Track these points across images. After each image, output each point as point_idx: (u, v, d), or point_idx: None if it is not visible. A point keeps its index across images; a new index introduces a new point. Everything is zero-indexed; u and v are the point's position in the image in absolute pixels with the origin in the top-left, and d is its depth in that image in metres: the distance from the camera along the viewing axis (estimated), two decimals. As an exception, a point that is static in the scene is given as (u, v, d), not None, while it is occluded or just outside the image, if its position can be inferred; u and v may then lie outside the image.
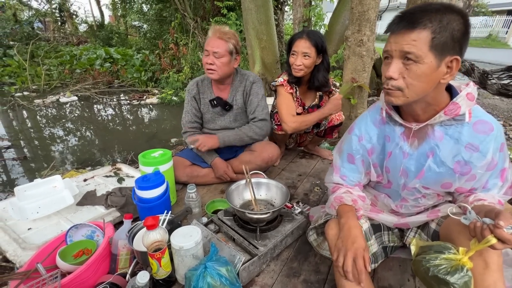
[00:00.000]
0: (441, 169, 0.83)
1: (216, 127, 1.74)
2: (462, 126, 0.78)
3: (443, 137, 0.80)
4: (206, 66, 1.54)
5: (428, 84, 0.73)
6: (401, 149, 0.88)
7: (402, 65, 0.72)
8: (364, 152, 0.97)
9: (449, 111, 0.76)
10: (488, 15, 16.29)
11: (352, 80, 2.31)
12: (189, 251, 0.94)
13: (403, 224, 0.97)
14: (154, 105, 4.93)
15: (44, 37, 8.88)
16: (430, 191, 0.91)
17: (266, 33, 3.52)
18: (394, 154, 0.90)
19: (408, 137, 0.86)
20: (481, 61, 8.50)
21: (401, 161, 0.89)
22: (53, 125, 3.96)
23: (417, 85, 0.72)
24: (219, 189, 1.67)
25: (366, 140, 0.96)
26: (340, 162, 1.03)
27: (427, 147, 0.83)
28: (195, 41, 5.81)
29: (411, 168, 0.88)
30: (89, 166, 2.54)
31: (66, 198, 1.42)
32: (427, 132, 0.83)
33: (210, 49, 1.50)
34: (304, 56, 1.58)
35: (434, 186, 0.87)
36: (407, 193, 0.94)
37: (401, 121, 0.85)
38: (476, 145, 0.77)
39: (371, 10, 2.06)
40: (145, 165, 1.36)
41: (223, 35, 1.50)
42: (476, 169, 0.79)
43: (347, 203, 0.94)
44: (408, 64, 0.71)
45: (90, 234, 1.17)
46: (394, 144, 0.89)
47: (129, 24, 11.07)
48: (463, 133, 0.78)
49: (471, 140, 0.78)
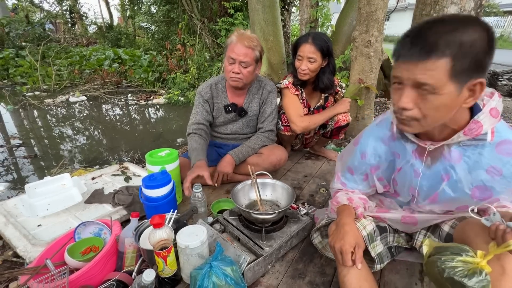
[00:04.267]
0: (457, 194, 0.76)
1: (227, 131, 1.73)
2: (484, 146, 0.69)
3: (461, 159, 0.72)
4: (230, 75, 1.49)
5: (447, 113, 0.65)
6: (412, 167, 0.82)
7: (417, 94, 0.63)
8: (366, 169, 0.93)
9: (469, 131, 0.68)
10: (500, 16, 15.94)
11: (359, 81, 2.29)
12: (195, 250, 0.94)
13: (411, 219, 0.91)
14: (161, 105, 4.98)
15: (55, 38, 9.08)
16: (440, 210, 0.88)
17: (273, 34, 3.52)
18: (404, 171, 0.84)
19: (421, 155, 0.79)
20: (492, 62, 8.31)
21: (412, 179, 0.83)
22: (62, 124, 4.03)
23: (435, 115, 0.64)
24: (224, 189, 1.67)
25: (371, 157, 0.90)
26: (341, 172, 1.03)
27: (441, 167, 0.76)
28: (202, 42, 5.85)
29: (423, 188, 0.83)
30: (97, 165, 2.58)
31: (75, 196, 1.44)
32: (442, 152, 0.74)
33: (236, 58, 1.43)
34: (310, 60, 1.58)
35: (448, 208, 0.83)
36: (416, 207, 0.91)
37: (415, 140, 0.78)
38: (499, 169, 0.69)
39: (379, 11, 2.04)
40: (152, 164, 1.38)
41: (250, 42, 1.43)
42: (498, 195, 0.72)
43: (343, 202, 0.95)
44: (424, 94, 0.62)
45: (97, 231, 1.19)
46: (405, 161, 0.83)
47: (137, 25, 11.22)
48: (484, 154, 0.69)
49: (493, 162, 0.69)
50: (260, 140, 1.66)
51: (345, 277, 0.82)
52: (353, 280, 0.81)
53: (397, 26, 19.30)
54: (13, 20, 8.15)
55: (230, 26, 5.08)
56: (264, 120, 1.67)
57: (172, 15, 7.15)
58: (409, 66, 0.61)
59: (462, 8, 1.54)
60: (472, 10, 1.56)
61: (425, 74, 0.59)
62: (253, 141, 1.66)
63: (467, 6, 1.55)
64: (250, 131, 1.76)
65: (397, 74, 0.65)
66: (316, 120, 1.71)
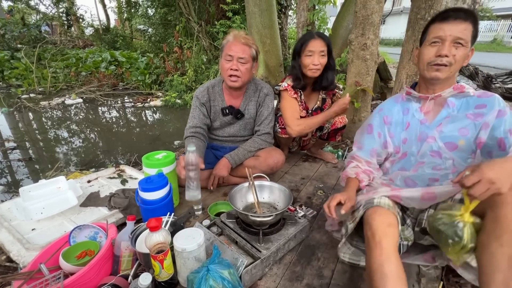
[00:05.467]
0: (457, 121, 0.99)
1: (224, 134, 1.73)
2: (470, 97, 0.99)
3: (456, 103, 1.00)
4: (228, 72, 1.48)
5: (462, 63, 0.96)
6: (418, 119, 1.05)
7: (453, 47, 0.92)
8: (381, 120, 1.14)
9: (456, 87, 0.98)
10: (493, 20, 16.22)
11: (356, 84, 2.31)
12: (192, 253, 0.93)
13: (429, 195, 0.94)
14: (158, 108, 4.97)
15: (51, 40, 9.03)
16: (448, 152, 0.99)
17: (270, 37, 3.54)
18: (411, 124, 1.06)
19: (424, 110, 1.04)
20: (486, 65, 8.44)
21: (418, 127, 1.05)
22: (58, 126, 4.00)
23: (459, 61, 0.94)
24: (221, 192, 1.67)
25: (384, 111, 1.14)
26: (360, 135, 1.21)
27: (445, 113, 1.01)
28: (199, 44, 5.86)
29: (428, 133, 1.02)
30: (93, 168, 2.56)
31: (70, 199, 1.43)
32: (441, 103, 1.02)
33: (234, 55, 1.45)
34: (321, 54, 1.60)
35: (452, 135, 0.99)
36: (424, 150, 1.03)
37: (418, 94, 1.04)
38: (483, 104, 0.95)
39: (375, 14, 2.06)
40: (149, 167, 1.37)
41: (247, 40, 1.47)
42: (487, 117, 0.93)
43: (351, 176, 1.13)
44: (458, 46, 0.92)
45: (93, 235, 1.17)
46: (411, 116, 1.07)
47: (134, 27, 11.22)
48: (470, 101, 0.98)
49: (479, 102, 0.97)
50: (257, 143, 1.66)
51: (385, 262, 0.80)
52: (392, 267, 0.79)
53: (393, 29, 19.56)
54: (9, 22, 8.09)
55: (228, 28, 5.10)
56: (261, 122, 1.68)
57: (170, 18, 7.17)
58: (453, 26, 0.91)
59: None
60: (466, 14, 1.59)
61: (463, 32, 0.91)
62: (250, 144, 1.66)
63: (461, 10, 1.57)
64: (248, 134, 1.76)
65: (440, 33, 0.93)
66: (312, 124, 1.69)
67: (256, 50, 1.53)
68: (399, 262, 0.81)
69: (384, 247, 0.81)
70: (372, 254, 0.83)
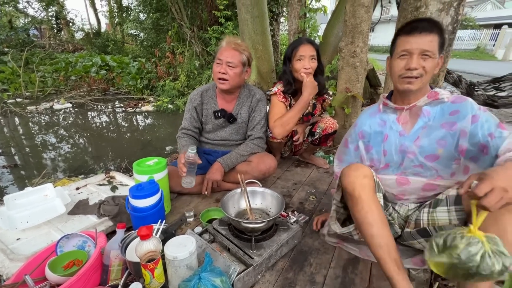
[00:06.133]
0: (433, 132, 1.00)
1: (216, 137, 1.74)
2: (444, 104, 0.99)
3: (431, 112, 1.01)
4: (217, 76, 1.54)
5: (432, 73, 0.97)
6: (396, 131, 1.06)
7: (421, 59, 0.94)
8: (356, 135, 1.17)
9: (430, 95, 0.99)
10: (476, 29, 16.89)
11: (346, 90, 2.36)
12: (183, 262, 0.92)
13: (404, 180, 1.05)
14: (149, 113, 4.92)
15: (40, 44, 8.87)
16: (429, 163, 1.00)
17: (262, 43, 3.59)
18: (390, 136, 1.07)
19: (401, 121, 1.06)
20: (470, 72, 8.76)
21: (397, 138, 1.05)
22: (45, 132, 3.90)
23: (430, 72, 0.95)
24: (214, 198, 1.66)
25: (359, 126, 1.16)
26: (339, 151, 1.27)
27: (421, 123, 1.01)
28: (192, 50, 5.87)
29: (408, 144, 1.03)
30: (81, 174, 2.50)
31: (58, 207, 1.39)
32: (417, 113, 1.02)
33: (223, 59, 1.51)
34: (312, 59, 1.65)
35: (431, 147, 1.00)
36: (407, 164, 1.05)
37: (394, 106, 1.06)
38: (456, 110, 0.96)
39: (364, 23, 2.12)
40: (140, 173, 1.35)
41: (237, 46, 1.53)
42: (462, 124, 0.94)
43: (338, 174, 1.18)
44: (425, 58, 0.93)
45: (81, 244, 1.14)
46: (389, 127, 1.07)
47: (125, 32, 11.15)
48: (445, 107, 0.99)
49: (452, 108, 0.97)
50: (249, 147, 1.67)
51: (367, 214, 0.93)
52: (374, 215, 0.93)
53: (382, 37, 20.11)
54: (-5, 25, 7.92)
55: (220, 34, 5.14)
56: (253, 127, 1.70)
57: (162, 23, 7.16)
58: (418, 39, 0.92)
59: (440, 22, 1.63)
60: (449, 25, 1.65)
61: (429, 44, 0.92)
62: (242, 148, 1.67)
63: (445, 21, 1.64)
64: (240, 138, 1.76)
65: (407, 47, 0.95)
66: (290, 118, 1.66)
67: (247, 57, 1.57)
68: (379, 208, 0.95)
69: (364, 199, 0.94)
70: (355, 208, 0.97)
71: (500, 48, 15.24)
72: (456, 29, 1.68)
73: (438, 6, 1.62)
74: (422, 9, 1.66)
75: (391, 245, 0.90)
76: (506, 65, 11.85)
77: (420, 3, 1.65)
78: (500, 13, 18.51)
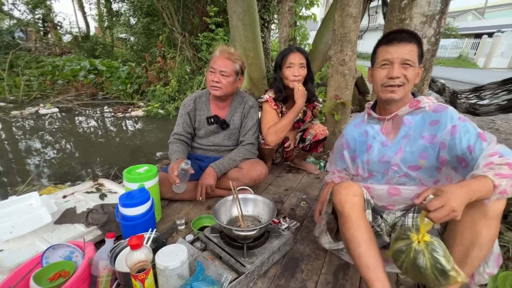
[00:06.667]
0: (415, 144, 1.01)
1: (208, 143, 1.75)
2: (425, 113, 1.00)
3: (412, 122, 1.02)
4: (211, 84, 1.57)
5: (414, 82, 0.99)
6: (379, 141, 1.08)
7: (402, 68, 0.96)
8: (340, 147, 1.22)
9: (412, 104, 1.01)
10: (458, 38, 17.64)
11: (335, 97, 2.41)
12: (175, 271, 0.91)
13: (395, 190, 1.06)
14: (139, 118, 4.86)
15: (25, 47, 8.63)
16: (413, 173, 1.03)
17: (253, 50, 3.62)
18: (373, 146, 1.09)
19: (384, 131, 1.08)
20: (453, 80, 9.11)
21: (380, 149, 1.07)
22: (30, 137, 3.79)
23: (412, 80, 0.97)
24: (205, 205, 1.65)
25: (345, 136, 1.20)
26: (331, 156, 1.34)
27: (403, 132, 1.03)
28: (183, 55, 5.86)
29: (391, 154, 1.05)
30: (68, 181, 2.44)
31: (44, 217, 1.35)
32: (399, 122, 1.04)
33: (217, 68, 1.54)
34: (301, 66, 1.69)
35: (414, 159, 1.02)
36: (391, 175, 1.07)
37: (377, 116, 1.08)
38: (437, 120, 0.97)
39: (352, 33, 2.19)
40: (130, 181, 1.33)
41: (230, 55, 1.56)
42: (441, 136, 0.95)
43: (328, 181, 1.29)
44: (406, 67, 0.96)
45: (68, 254, 1.11)
46: (372, 138, 1.09)
47: (115, 36, 11.02)
48: (426, 117, 1.00)
49: (433, 118, 0.98)
50: (242, 152, 1.68)
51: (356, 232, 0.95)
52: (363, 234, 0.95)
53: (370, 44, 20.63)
54: (-22, 27, 7.68)
55: (211, 41, 5.16)
56: (246, 133, 1.72)
57: (152, 27, 7.12)
58: (398, 49, 0.95)
59: (423, 34, 1.71)
60: (432, 37, 1.73)
61: (409, 53, 0.95)
62: (235, 153, 1.68)
63: (428, 33, 1.72)
64: (232, 144, 1.78)
65: (387, 56, 0.97)
66: (283, 126, 1.68)
67: (240, 65, 1.60)
68: (368, 227, 0.97)
69: (353, 218, 0.96)
70: (344, 226, 0.99)
71: (481, 56, 15.97)
72: (438, 40, 1.76)
73: (421, 19, 1.70)
74: (407, 21, 1.73)
75: (378, 266, 0.90)
76: (486, 73, 12.41)
77: (405, 16, 1.73)
78: (480, 24, 19.45)
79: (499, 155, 0.83)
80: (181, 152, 1.59)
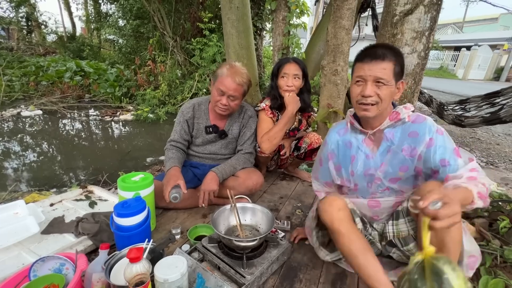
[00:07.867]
0: (395, 158, 1.02)
1: (205, 151, 1.74)
2: (405, 124, 1.00)
3: (394, 135, 1.02)
4: (218, 105, 1.56)
5: (390, 99, 0.98)
6: (364, 153, 1.07)
7: (375, 86, 0.94)
8: (325, 159, 1.19)
9: (392, 117, 1.00)
10: (439, 50, 18.55)
11: (328, 106, 2.46)
12: (174, 284, 0.89)
13: (375, 203, 1.10)
14: (128, 122, 4.74)
15: (7, 46, 8.30)
16: (393, 185, 1.05)
17: (247, 57, 3.64)
18: (357, 158, 1.09)
19: (367, 144, 1.07)
20: (435, 90, 9.52)
21: (364, 161, 1.07)
22: (10, 140, 3.61)
23: (386, 99, 0.95)
24: (200, 213, 1.63)
25: (329, 146, 1.17)
26: (314, 166, 1.30)
27: (385, 146, 1.03)
28: (174, 59, 5.81)
29: (373, 169, 1.06)
30: (54, 188, 2.34)
31: (30, 226, 1.29)
32: (381, 136, 1.04)
33: (226, 91, 1.52)
34: (295, 77, 1.72)
35: (394, 172, 1.03)
36: (374, 189, 1.09)
37: (360, 128, 1.07)
38: (415, 132, 0.97)
39: (345, 44, 2.25)
40: (125, 189, 1.30)
41: (241, 79, 1.53)
42: (420, 148, 0.96)
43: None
44: (379, 86, 0.94)
45: (58, 267, 1.06)
46: (356, 149, 1.09)
47: (103, 37, 10.79)
48: (405, 128, 1.00)
49: (412, 129, 0.98)
50: (241, 161, 1.68)
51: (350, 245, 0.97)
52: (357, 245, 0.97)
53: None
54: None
55: (204, 46, 5.15)
56: (244, 142, 1.73)
57: (142, 30, 7.03)
58: (371, 66, 0.92)
59: (414, 49, 1.79)
60: (421, 51, 1.81)
61: (382, 72, 0.92)
62: (235, 160, 1.67)
63: (418, 47, 1.80)
64: (229, 153, 1.77)
65: (361, 73, 0.95)
66: (276, 132, 1.69)
67: (248, 86, 1.60)
68: (360, 238, 1.00)
69: (344, 233, 0.99)
70: (337, 242, 1.02)
71: (460, 68, 16.86)
72: (427, 55, 1.85)
73: (412, 34, 1.78)
74: (398, 36, 1.80)
75: (378, 272, 0.93)
76: (465, 83, 13.09)
77: (397, 31, 1.80)
78: (459, 37, 20.58)
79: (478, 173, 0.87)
80: (176, 160, 1.56)
